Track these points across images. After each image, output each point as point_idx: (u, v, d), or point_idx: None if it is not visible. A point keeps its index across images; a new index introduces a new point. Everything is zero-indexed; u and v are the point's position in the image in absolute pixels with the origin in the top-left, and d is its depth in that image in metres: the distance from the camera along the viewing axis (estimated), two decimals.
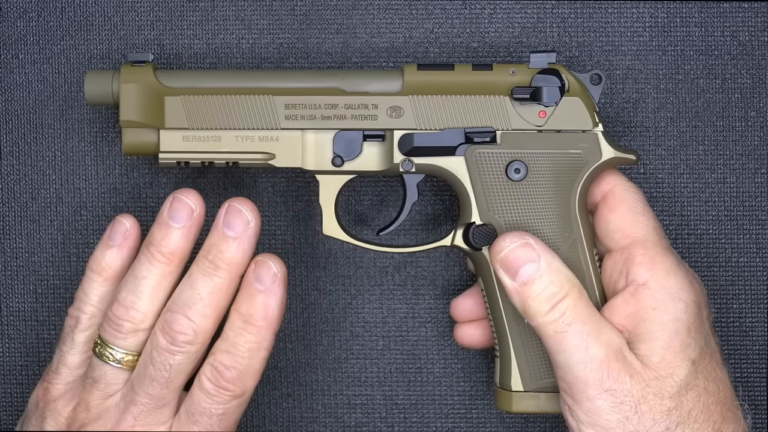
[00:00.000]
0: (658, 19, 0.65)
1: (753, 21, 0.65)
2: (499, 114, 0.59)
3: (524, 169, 0.58)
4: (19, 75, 0.67)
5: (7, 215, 0.67)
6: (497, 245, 0.57)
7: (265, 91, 0.59)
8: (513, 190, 0.59)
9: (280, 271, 0.58)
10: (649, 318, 0.55)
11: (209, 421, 0.57)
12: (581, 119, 0.58)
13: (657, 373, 0.54)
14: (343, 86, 0.59)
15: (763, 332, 0.66)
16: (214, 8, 0.66)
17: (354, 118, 0.59)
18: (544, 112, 0.58)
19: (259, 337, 0.57)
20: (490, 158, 0.59)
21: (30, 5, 0.66)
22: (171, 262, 0.58)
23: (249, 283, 0.58)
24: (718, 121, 0.65)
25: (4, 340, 0.68)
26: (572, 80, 0.58)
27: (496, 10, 0.65)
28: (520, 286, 0.56)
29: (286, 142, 0.59)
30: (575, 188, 0.58)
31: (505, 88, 0.58)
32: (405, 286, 0.67)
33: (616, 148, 0.59)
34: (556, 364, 0.56)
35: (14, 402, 0.68)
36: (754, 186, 0.66)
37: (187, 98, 0.59)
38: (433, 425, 0.67)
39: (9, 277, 0.67)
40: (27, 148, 0.67)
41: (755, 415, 0.66)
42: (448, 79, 0.59)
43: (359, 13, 0.66)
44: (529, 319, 0.56)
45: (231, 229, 0.58)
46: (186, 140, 0.59)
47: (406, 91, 0.59)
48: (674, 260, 0.57)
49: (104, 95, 0.60)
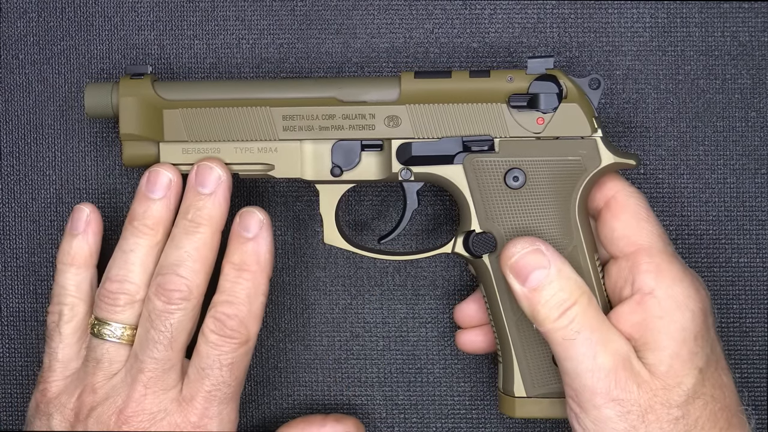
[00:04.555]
0: (658, 20, 0.65)
1: (753, 21, 0.65)
2: (496, 122, 0.58)
3: (523, 177, 0.58)
4: (19, 75, 0.67)
5: (7, 215, 0.67)
6: (508, 251, 0.57)
7: (263, 103, 0.59)
8: (512, 198, 0.58)
9: (265, 217, 0.59)
10: (656, 327, 0.55)
11: (219, 372, 0.58)
12: (580, 125, 0.58)
13: (665, 383, 0.54)
14: (340, 96, 0.59)
15: (763, 332, 0.66)
16: (214, 8, 0.66)
17: (351, 128, 0.59)
18: (542, 119, 0.58)
19: (255, 282, 0.59)
20: (488, 166, 0.58)
21: (30, 5, 0.66)
22: (156, 233, 0.59)
23: (237, 234, 0.59)
24: (718, 122, 0.65)
25: (4, 340, 0.68)
26: (570, 86, 0.58)
27: (496, 10, 0.65)
28: (529, 292, 0.56)
29: (284, 152, 0.60)
30: (575, 194, 0.58)
31: (502, 96, 0.58)
32: (405, 287, 0.67)
33: (616, 153, 0.58)
34: (563, 371, 0.56)
35: (14, 402, 0.67)
36: (754, 186, 0.65)
37: (185, 111, 0.60)
38: (433, 426, 0.67)
39: (9, 277, 0.67)
40: (27, 148, 0.67)
41: (756, 416, 0.66)
42: (445, 87, 0.58)
43: (359, 14, 0.66)
44: (537, 325, 0.56)
45: (204, 186, 0.59)
46: (185, 152, 0.60)
47: (403, 100, 0.58)
48: (680, 267, 0.56)
49: (104, 108, 0.60)
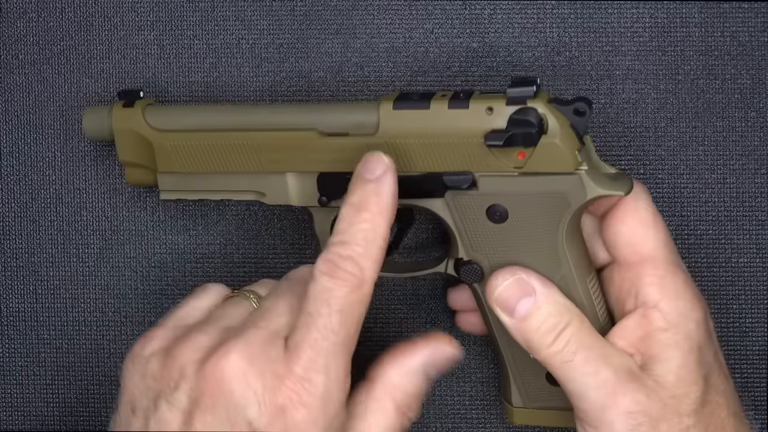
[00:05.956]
0: (658, 20, 0.65)
1: (753, 21, 0.65)
2: (476, 158, 0.55)
3: (505, 212, 0.56)
4: (19, 75, 0.67)
5: (7, 215, 0.67)
6: (490, 285, 0.56)
7: (247, 139, 0.58)
8: (495, 232, 0.57)
9: (390, 162, 0.55)
10: (662, 339, 0.54)
11: (328, 319, 0.52)
12: (561, 162, 0.54)
13: (673, 392, 0.53)
14: (321, 126, 0.58)
15: (763, 332, 0.66)
16: (214, 8, 0.66)
17: (333, 162, 0.58)
18: (522, 154, 0.55)
19: (373, 224, 0.53)
20: (469, 202, 0.56)
21: (30, 5, 0.66)
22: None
23: (359, 176, 0.55)
24: (718, 122, 0.65)
25: (4, 340, 0.68)
26: (551, 118, 0.54)
27: (496, 10, 0.65)
28: (519, 323, 0.55)
29: (272, 182, 0.59)
30: (561, 228, 0.56)
31: (480, 133, 0.55)
32: (405, 287, 0.67)
33: (603, 185, 0.55)
34: (569, 394, 0.55)
35: (14, 402, 0.68)
36: (754, 186, 0.65)
37: (174, 145, 0.60)
38: (433, 425, 0.67)
39: (9, 277, 0.67)
40: (27, 148, 0.67)
41: (757, 417, 0.66)
42: (423, 125, 0.56)
43: (359, 14, 0.66)
44: (534, 354, 0.55)
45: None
46: (180, 181, 0.60)
47: (382, 136, 0.56)
48: (683, 278, 0.56)
49: (102, 134, 0.61)
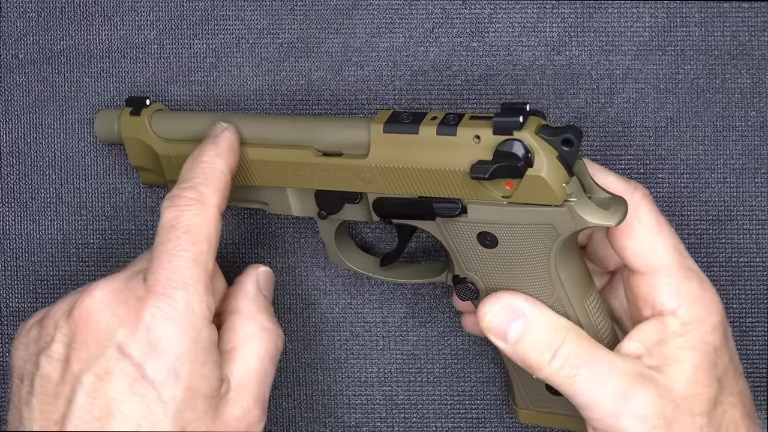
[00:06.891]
0: (658, 19, 0.65)
1: (753, 21, 0.65)
2: (464, 186, 0.54)
3: (495, 240, 0.55)
4: (19, 75, 0.67)
5: (7, 215, 0.67)
6: (480, 313, 0.56)
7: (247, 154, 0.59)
8: (487, 256, 0.56)
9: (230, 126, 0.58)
10: (678, 344, 0.54)
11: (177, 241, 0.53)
12: (548, 195, 0.53)
13: (686, 393, 0.53)
14: (316, 144, 0.58)
15: (763, 332, 0.66)
16: (214, 8, 0.66)
17: (328, 181, 0.58)
18: (510, 184, 0.53)
19: (210, 163, 0.56)
20: (460, 228, 0.56)
21: (30, 5, 0.66)
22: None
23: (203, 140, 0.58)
24: (718, 121, 0.65)
25: (4, 340, 0.68)
26: (539, 150, 0.52)
27: (496, 10, 0.65)
28: (513, 347, 0.55)
29: (274, 194, 0.60)
30: (552, 255, 0.55)
31: (466, 162, 0.54)
32: (405, 286, 0.67)
33: (593, 215, 0.53)
34: (580, 407, 0.54)
35: None
36: (754, 186, 0.65)
37: (180, 158, 0.60)
38: (433, 425, 0.67)
39: (9, 277, 0.67)
40: (27, 148, 0.67)
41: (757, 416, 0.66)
42: (411, 151, 0.55)
43: (359, 13, 0.66)
44: (535, 374, 0.55)
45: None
46: None
47: (372, 160, 0.56)
48: (698, 282, 0.56)
49: (112, 137, 0.63)
